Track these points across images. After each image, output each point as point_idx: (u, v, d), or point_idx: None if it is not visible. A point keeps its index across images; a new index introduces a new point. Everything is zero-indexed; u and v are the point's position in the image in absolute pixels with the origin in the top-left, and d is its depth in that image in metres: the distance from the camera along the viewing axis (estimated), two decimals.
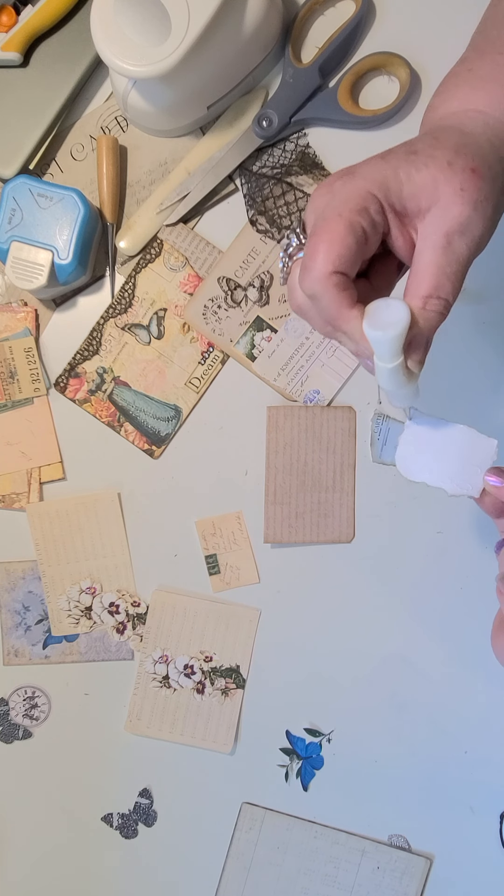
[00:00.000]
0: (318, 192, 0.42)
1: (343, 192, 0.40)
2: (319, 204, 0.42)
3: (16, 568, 0.66)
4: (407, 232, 0.42)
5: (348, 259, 0.40)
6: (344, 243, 0.39)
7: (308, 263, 0.40)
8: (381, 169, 0.41)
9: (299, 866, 0.65)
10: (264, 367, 0.65)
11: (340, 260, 0.40)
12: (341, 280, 0.40)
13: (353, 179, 0.41)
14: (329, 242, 0.40)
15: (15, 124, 0.63)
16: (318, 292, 0.40)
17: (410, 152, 0.41)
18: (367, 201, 0.40)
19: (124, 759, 0.66)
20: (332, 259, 0.40)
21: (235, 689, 0.65)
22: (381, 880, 0.64)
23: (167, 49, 0.54)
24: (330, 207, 0.40)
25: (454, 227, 0.40)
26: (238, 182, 0.65)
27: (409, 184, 0.40)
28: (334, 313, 0.41)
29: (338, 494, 0.65)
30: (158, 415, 0.65)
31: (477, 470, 0.46)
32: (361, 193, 0.40)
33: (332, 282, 0.40)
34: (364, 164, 0.42)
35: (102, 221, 0.64)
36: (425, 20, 0.63)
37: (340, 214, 0.40)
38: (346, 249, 0.40)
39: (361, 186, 0.40)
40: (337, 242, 0.39)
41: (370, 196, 0.40)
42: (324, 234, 0.40)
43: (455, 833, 0.65)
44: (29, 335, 0.65)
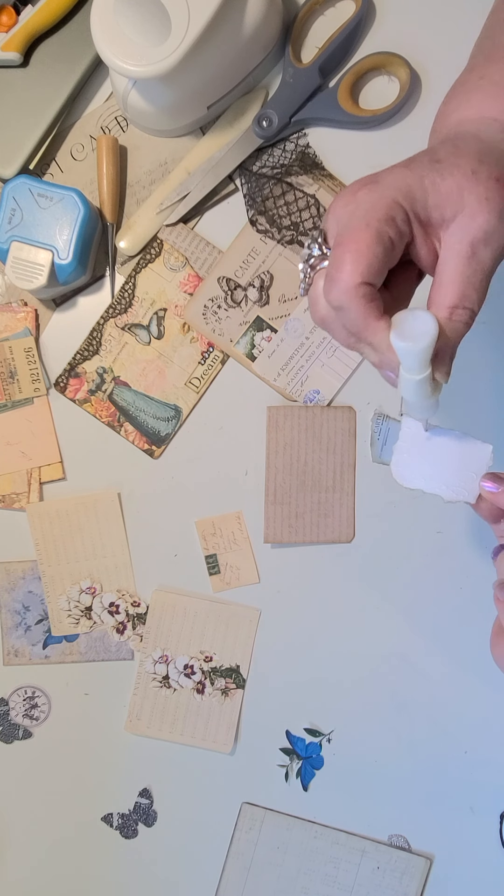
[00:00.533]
0: (340, 200, 0.41)
1: (368, 200, 0.39)
2: (342, 213, 0.41)
3: (16, 568, 0.66)
4: (430, 241, 0.41)
5: (376, 269, 0.39)
6: (372, 253, 0.39)
7: (334, 274, 0.39)
8: (405, 178, 0.40)
9: (299, 866, 0.65)
10: (264, 367, 0.65)
11: (369, 270, 0.39)
12: (369, 291, 0.39)
13: (377, 188, 0.40)
14: (356, 252, 0.39)
15: (15, 124, 0.63)
16: (345, 304, 0.40)
17: (434, 160, 0.41)
18: (394, 210, 0.39)
19: (124, 759, 0.66)
20: (360, 270, 0.39)
21: (235, 689, 0.65)
22: (381, 880, 0.64)
23: (167, 49, 0.54)
24: (355, 217, 0.39)
25: (479, 237, 0.40)
26: (238, 182, 0.65)
27: (434, 193, 0.40)
28: (361, 325, 0.40)
29: (338, 494, 0.65)
30: (158, 415, 0.65)
31: (473, 476, 0.46)
32: (388, 202, 0.39)
33: (359, 293, 0.39)
34: (387, 172, 0.41)
35: (102, 221, 0.64)
36: (425, 20, 0.63)
37: (368, 224, 0.39)
38: (375, 259, 0.39)
39: (387, 195, 0.39)
40: (365, 252, 0.39)
41: (396, 205, 0.39)
42: (351, 244, 0.39)
43: (455, 833, 0.65)
44: (29, 335, 0.65)
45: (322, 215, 0.64)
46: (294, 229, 0.64)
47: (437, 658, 0.65)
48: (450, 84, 0.63)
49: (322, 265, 0.43)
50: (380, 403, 0.64)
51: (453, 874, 0.65)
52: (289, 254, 0.64)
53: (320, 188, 0.64)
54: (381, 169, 0.55)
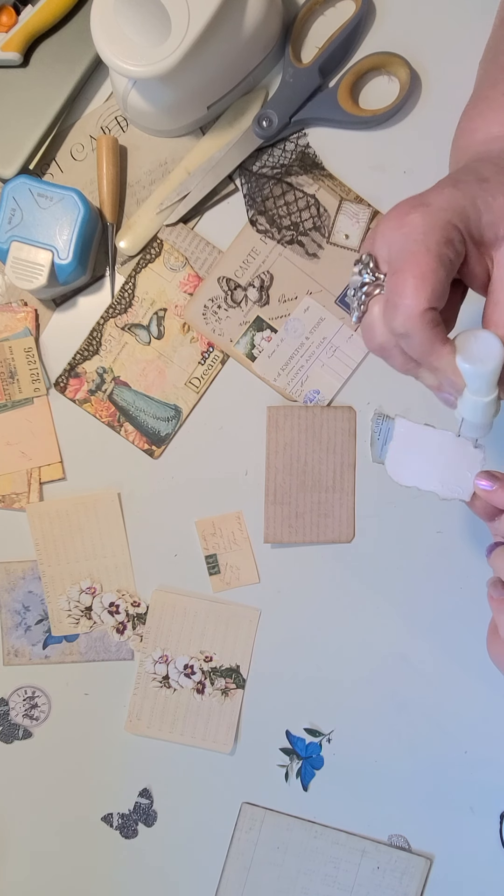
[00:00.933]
0: (389, 223, 0.40)
1: (423, 223, 0.39)
2: (394, 237, 0.40)
3: (16, 568, 0.66)
4: (483, 261, 0.41)
5: (440, 293, 0.38)
6: (436, 277, 0.38)
7: (397, 301, 0.38)
8: (457, 198, 0.39)
9: (299, 866, 0.65)
10: (264, 367, 0.65)
11: (434, 295, 0.38)
12: (434, 316, 0.38)
13: (430, 210, 0.39)
14: (420, 277, 0.38)
15: (15, 124, 0.63)
16: (411, 331, 0.39)
17: (481, 180, 0.40)
18: (451, 232, 0.38)
19: (124, 759, 0.66)
20: (426, 295, 0.38)
21: (235, 689, 0.65)
22: (381, 880, 0.64)
23: (167, 49, 0.54)
24: (411, 240, 0.38)
25: None
26: (238, 182, 0.65)
27: (488, 212, 0.39)
28: (427, 351, 0.39)
29: (338, 494, 0.65)
30: (158, 415, 0.65)
31: (467, 474, 0.46)
32: (443, 224, 0.38)
33: (425, 319, 0.38)
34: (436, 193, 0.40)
35: (102, 221, 0.64)
36: (425, 20, 0.63)
37: (428, 248, 0.38)
38: (439, 284, 0.38)
39: (442, 217, 0.39)
40: (429, 277, 0.38)
41: (452, 226, 0.39)
42: (413, 269, 0.38)
43: (455, 833, 0.65)
44: (29, 335, 0.65)
45: (322, 215, 0.64)
46: (294, 229, 0.64)
47: (438, 658, 0.65)
48: (450, 84, 0.64)
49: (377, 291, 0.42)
50: (380, 403, 0.64)
51: (453, 874, 0.65)
52: (289, 254, 0.64)
53: (320, 188, 0.64)
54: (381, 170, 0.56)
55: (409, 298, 0.38)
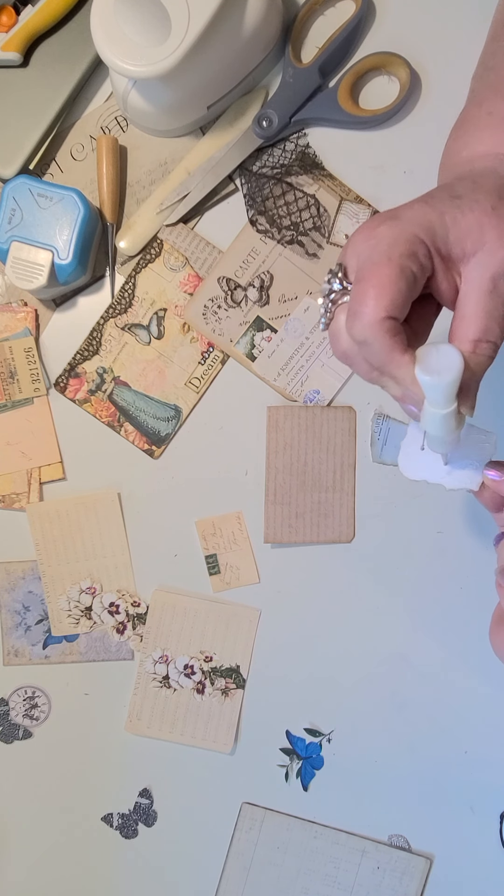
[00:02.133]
0: (359, 235, 0.41)
1: (389, 235, 0.40)
2: (362, 248, 0.41)
3: (16, 568, 0.66)
4: (451, 276, 0.41)
5: (400, 304, 0.39)
6: (395, 287, 0.39)
7: (357, 309, 0.40)
8: (426, 213, 0.40)
9: (299, 866, 0.65)
10: (264, 367, 0.65)
11: (393, 305, 0.39)
12: (393, 325, 0.39)
13: (398, 223, 0.40)
14: (380, 287, 0.39)
15: (15, 124, 0.63)
16: (369, 338, 0.40)
17: (454, 196, 0.41)
18: (416, 245, 0.39)
19: (124, 759, 0.66)
20: (384, 304, 0.39)
21: (235, 689, 0.65)
22: (381, 880, 0.64)
23: (167, 49, 0.54)
24: (377, 251, 0.40)
25: (500, 271, 0.40)
26: (238, 182, 0.65)
27: (455, 228, 0.40)
28: (386, 359, 0.40)
29: (338, 494, 0.65)
30: (158, 415, 0.65)
31: (476, 464, 0.46)
32: (409, 237, 0.39)
33: (384, 327, 0.39)
34: (407, 207, 0.41)
35: (102, 221, 0.64)
36: (425, 20, 0.63)
37: (391, 259, 0.39)
38: (398, 294, 0.39)
39: (408, 230, 0.40)
40: (388, 286, 0.39)
41: (418, 239, 0.39)
42: (374, 279, 0.39)
43: (455, 833, 0.65)
44: (29, 335, 0.65)
45: (322, 215, 0.64)
46: (294, 229, 0.64)
47: (437, 658, 0.65)
48: (450, 84, 0.64)
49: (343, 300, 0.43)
50: (380, 403, 0.64)
51: (453, 874, 0.65)
52: (289, 254, 0.64)
53: (320, 188, 0.64)
54: (381, 170, 0.56)
55: (369, 307, 0.39)
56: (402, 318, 0.40)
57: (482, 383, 0.68)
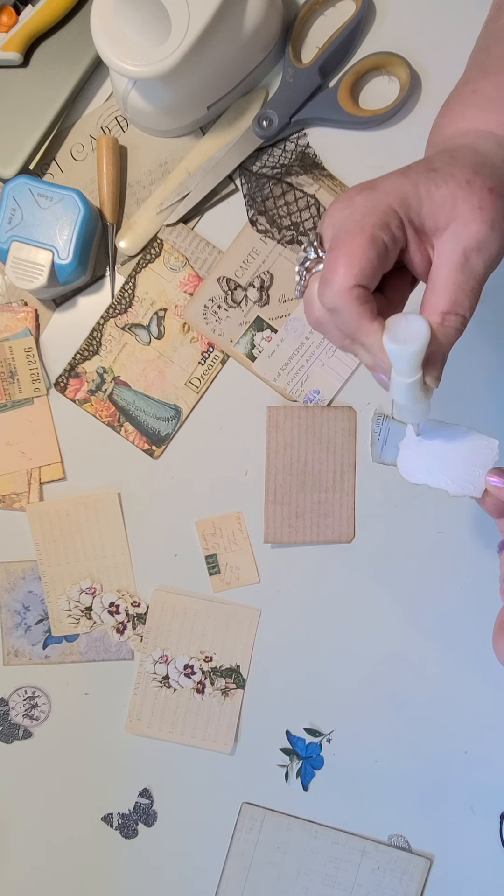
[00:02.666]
0: (336, 205, 0.42)
1: (364, 205, 0.40)
2: (338, 217, 0.41)
3: (16, 568, 0.66)
4: (424, 248, 0.42)
5: (370, 272, 0.40)
6: (365, 256, 0.39)
7: (328, 276, 0.40)
8: (402, 185, 0.41)
9: (299, 866, 0.65)
10: (264, 367, 0.65)
11: (362, 273, 0.39)
12: (362, 293, 0.40)
13: (373, 194, 0.41)
14: (350, 255, 0.39)
15: (15, 124, 0.63)
16: (339, 305, 0.40)
17: (430, 169, 0.41)
18: (389, 216, 0.40)
19: (124, 759, 0.66)
20: (353, 272, 0.39)
21: (235, 689, 0.65)
22: (381, 880, 0.64)
23: (167, 49, 0.54)
24: (350, 221, 0.40)
25: (472, 245, 0.40)
26: (238, 182, 0.65)
27: (429, 201, 0.40)
28: (354, 326, 0.41)
29: (338, 494, 0.65)
30: (158, 415, 0.65)
31: (478, 470, 0.46)
32: (383, 207, 0.40)
33: (353, 295, 0.40)
34: (384, 178, 0.42)
35: (102, 221, 0.64)
36: (425, 20, 0.63)
37: (363, 228, 0.39)
38: (368, 263, 0.39)
39: (383, 200, 0.40)
40: (358, 255, 0.39)
41: (391, 210, 0.40)
42: (345, 247, 0.39)
43: (455, 833, 0.65)
44: (29, 335, 0.65)
45: (322, 215, 0.64)
46: (294, 229, 0.64)
47: (438, 658, 0.65)
48: (450, 84, 0.64)
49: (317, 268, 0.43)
50: (380, 403, 0.64)
51: (453, 874, 0.65)
52: (289, 254, 0.64)
53: (320, 188, 0.64)
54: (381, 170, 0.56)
55: (339, 276, 0.39)
56: (372, 286, 0.40)
57: (487, 387, 0.68)
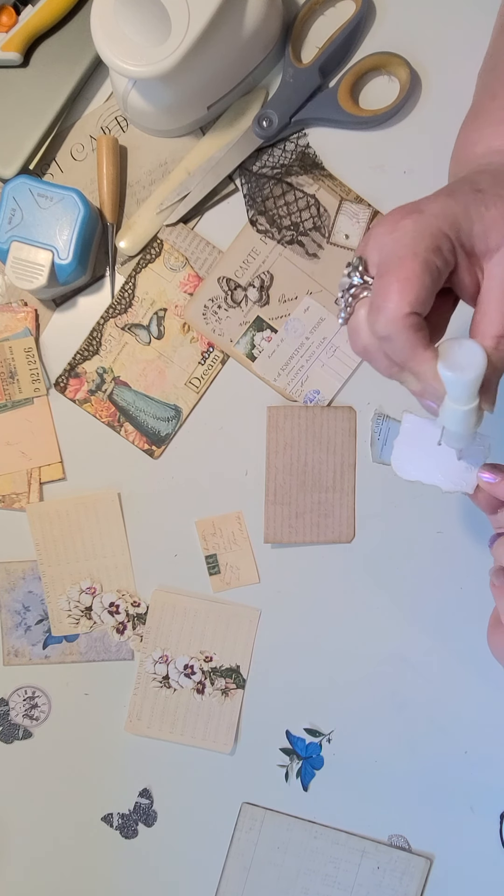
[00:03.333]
0: (381, 228, 0.41)
1: (413, 229, 0.39)
2: (385, 241, 0.40)
3: (16, 568, 0.66)
4: (473, 271, 0.41)
5: (424, 299, 0.39)
6: (420, 283, 0.38)
7: (381, 304, 0.39)
8: (450, 206, 0.40)
9: (299, 866, 0.65)
10: (264, 367, 0.65)
11: (417, 300, 0.38)
12: (416, 321, 0.39)
13: (423, 217, 0.40)
14: (405, 282, 0.38)
15: (15, 124, 0.63)
16: (393, 334, 0.39)
17: (476, 190, 0.41)
18: (440, 240, 0.39)
19: (124, 759, 0.66)
20: (408, 300, 0.38)
21: (235, 689, 0.65)
22: (381, 880, 0.64)
23: (167, 49, 0.54)
24: (400, 245, 0.39)
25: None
26: (238, 182, 0.65)
27: (479, 223, 0.39)
28: (408, 355, 0.40)
29: (338, 494, 0.65)
30: (158, 415, 0.65)
31: (471, 467, 0.46)
32: (433, 231, 0.39)
33: (407, 323, 0.39)
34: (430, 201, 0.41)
35: (102, 221, 0.64)
36: (425, 20, 0.63)
37: (416, 253, 0.38)
38: (423, 290, 0.38)
39: (433, 224, 0.39)
40: (413, 282, 0.38)
41: (442, 234, 0.39)
42: (399, 273, 0.38)
43: (455, 833, 0.65)
44: (29, 335, 0.65)
45: (322, 215, 0.64)
46: (294, 229, 0.64)
47: (438, 658, 0.65)
48: (450, 84, 0.64)
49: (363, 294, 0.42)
50: (380, 403, 0.64)
51: (453, 874, 0.65)
52: (289, 254, 0.64)
53: (320, 188, 0.64)
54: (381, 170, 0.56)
55: (393, 302, 0.38)
56: (425, 313, 0.40)
57: None
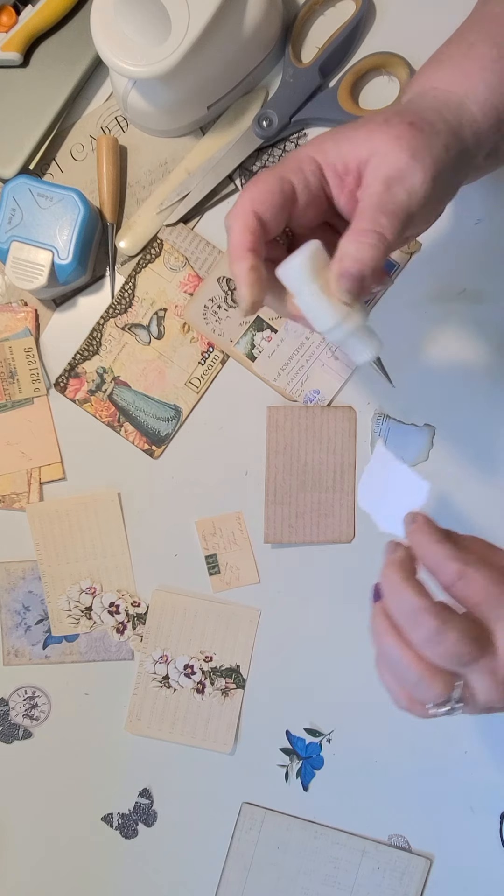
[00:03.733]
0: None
1: (289, 157, 0.44)
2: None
3: (16, 568, 0.66)
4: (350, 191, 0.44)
5: (269, 204, 0.43)
6: (267, 189, 0.43)
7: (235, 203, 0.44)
8: (323, 138, 0.44)
9: (299, 866, 0.65)
10: (264, 367, 0.65)
11: (259, 201, 0.43)
12: (252, 222, 0.43)
13: (300, 149, 0.45)
14: (254, 187, 0.43)
15: (15, 124, 0.63)
16: (229, 225, 0.44)
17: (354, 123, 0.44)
18: (304, 162, 0.44)
19: (124, 759, 0.66)
20: (250, 196, 0.43)
21: (235, 689, 0.65)
22: (381, 880, 0.64)
23: (167, 49, 0.54)
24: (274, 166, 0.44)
25: (392, 173, 0.41)
26: (238, 182, 0.65)
27: (347, 142, 0.43)
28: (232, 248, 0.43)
29: (338, 494, 0.65)
30: (158, 415, 0.65)
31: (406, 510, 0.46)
32: (300, 156, 0.44)
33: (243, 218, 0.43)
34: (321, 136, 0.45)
35: (102, 221, 0.64)
36: (425, 20, 0.63)
37: (273, 170, 0.44)
38: (269, 195, 0.43)
39: (302, 151, 0.44)
40: (261, 187, 0.43)
41: (308, 158, 0.44)
42: (254, 182, 0.44)
43: (455, 833, 0.65)
44: (29, 335, 0.65)
45: None
46: None
47: None
48: None
49: None
50: (380, 403, 0.64)
51: (453, 874, 0.65)
52: None
53: None
54: None
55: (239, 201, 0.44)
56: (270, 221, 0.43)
57: (487, 387, 0.68)
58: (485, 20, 0.49)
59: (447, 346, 0.63)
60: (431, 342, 0.63)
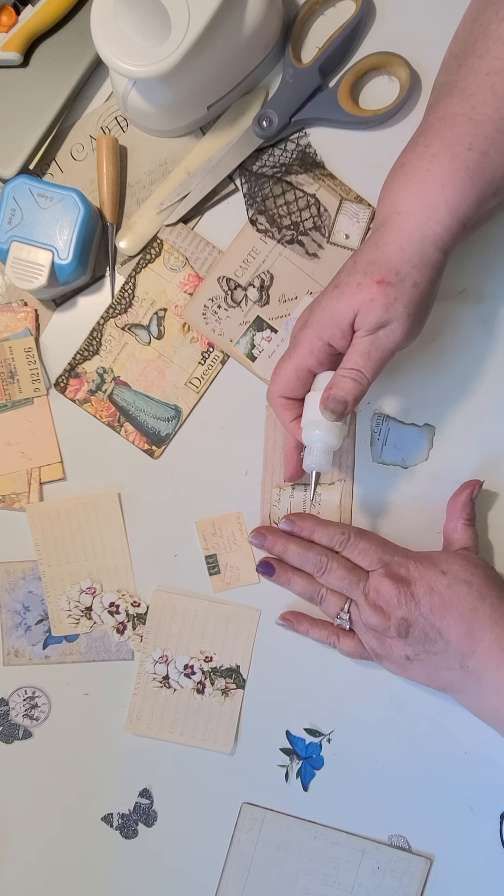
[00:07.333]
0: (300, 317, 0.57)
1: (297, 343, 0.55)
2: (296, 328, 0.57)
3: (16, 568, 0.66)
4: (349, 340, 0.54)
5: (291, 387, 0.56)
6: (284, 381, 0.56)
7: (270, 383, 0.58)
8: (319, 316, 0.54)
9: (299, 866, 0.65)
10: (264, 367, 0.65)
11: (286, 390, 0.57)
12: (283, 401, 0.58)
13: (306, 329, 0.55)
14: (276, 377, 0.57)
15: (15, 124, 0.63)
16: (272, 406, 0.59)
17: (335, 287, 0.53)
18: (314, 345, 0.55)
19: (124, 759, 0.66)
20: (277, 389, 0.57)
21: (235, 689, 0.65)
22: (381, 880, 0.64)
23: (167, 49, 0.54)
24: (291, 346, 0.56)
25: (372, 326, 0.52)
26: (238, 182, 0.65)
27: (338, 313, 0.52)
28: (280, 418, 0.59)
29: (338, 495, 0.65)
30: (158, 415, 0.65)
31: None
32: (310, 339, 0.55)
33: (278, 402, 0.58)
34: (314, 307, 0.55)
35: (102, 221, 0.64)
36: (425, 20, 0.63)
37: (289, 360, 0.56)
38: (288, 384, 0.56)
39: (310, 333, 0.54)
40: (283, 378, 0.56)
41: (315, 338, 0.54)
42: (278, 370, 0.57)
43: (455, 833, 0.65)
44: (29, 335, 0.65)
45: (322, 214, 0.64)
46: (294, 229, 0.64)
47: None
48: None
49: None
50: (380, 403, 0.65)
51: (453, 874, 0.65)
52: (289, 254, 0.64)
53: (320, 188, 0.64)
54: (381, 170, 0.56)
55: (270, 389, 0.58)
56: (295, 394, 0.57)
57: (487, 387, 0.68)
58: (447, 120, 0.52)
59: (447, 346, 0.63)
60: (431, 342, 0.63)
